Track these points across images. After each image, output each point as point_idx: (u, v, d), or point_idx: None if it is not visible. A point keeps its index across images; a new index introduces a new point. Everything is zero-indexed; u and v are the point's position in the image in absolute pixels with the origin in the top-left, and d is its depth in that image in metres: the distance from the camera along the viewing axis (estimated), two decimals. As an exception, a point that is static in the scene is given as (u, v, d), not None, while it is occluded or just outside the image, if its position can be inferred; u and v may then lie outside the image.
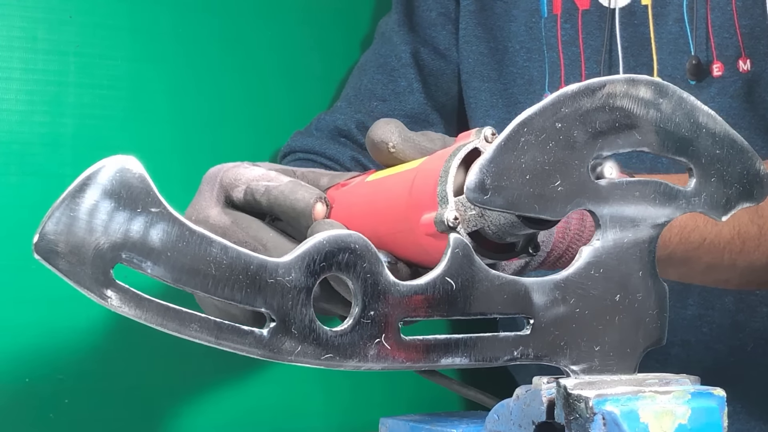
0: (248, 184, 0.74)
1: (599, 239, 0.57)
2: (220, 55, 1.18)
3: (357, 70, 1.23)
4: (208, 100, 1.17)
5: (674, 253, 0.82)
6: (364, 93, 1.20)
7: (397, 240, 0.65)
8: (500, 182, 0.54)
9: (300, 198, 0.71)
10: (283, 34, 1.22)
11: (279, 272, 0.51)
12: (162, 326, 0.50)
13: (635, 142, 0.57)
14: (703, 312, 1.06)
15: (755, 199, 0.60)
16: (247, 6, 1.20)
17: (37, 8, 1.07)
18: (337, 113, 1.19)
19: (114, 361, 1.10)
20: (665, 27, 1.07)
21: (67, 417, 1.07)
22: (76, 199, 0.47)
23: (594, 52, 1.10)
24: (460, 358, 0.55)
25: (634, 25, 1.09)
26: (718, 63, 1.04)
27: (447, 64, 1.21)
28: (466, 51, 1.19)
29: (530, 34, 1.15)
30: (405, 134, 0.69)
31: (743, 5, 1.03)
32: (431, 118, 1.20)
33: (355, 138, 1.17)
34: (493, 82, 1.17)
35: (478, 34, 1.18)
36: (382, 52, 1.21)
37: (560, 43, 1.12)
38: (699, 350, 1.07)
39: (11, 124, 1.06)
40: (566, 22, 1.12)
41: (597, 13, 1.10)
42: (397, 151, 0.69)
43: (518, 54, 1.16)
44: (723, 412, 0.55)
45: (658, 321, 0.59)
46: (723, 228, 0.84)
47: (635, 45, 1.09)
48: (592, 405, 0.53)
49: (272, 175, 0.74)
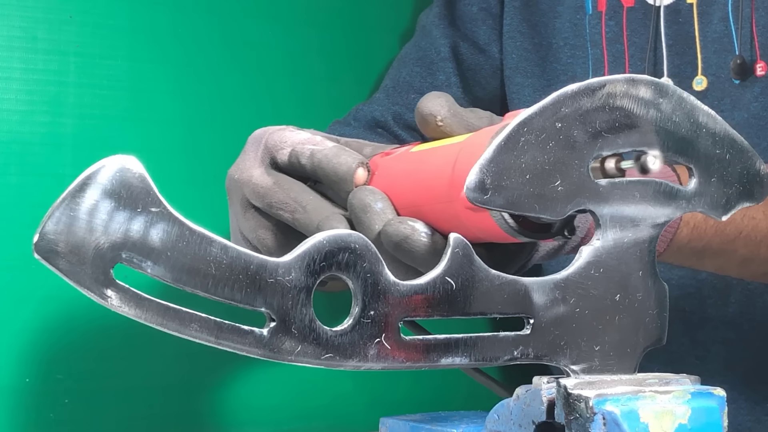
0: (294, 147, 0.74)
1: (599, 239, 0.57)
2: (220, 54, 1.18)
3: (397, 62, 1.24)
4: (208, 100, 1.16)
5: (709, 245, 0.82)
6: (402, 85, 1.21)
7: (436, 211, 0.65)
8: (500, 182, 0.54)
9: (343, 162, 0.71)
10: (284, 33, 1.22)
11: (279, 272, 0.51)
12: (162, 326, 0.50)
13: (635, 141, 0.57)
14: (744, 310, 1.06)
15: (755, 198, 0.60)
16: (247, 5, 1.20)
17: (37, 8, 1.07)
18: (375, 104, 1.20)
19: (114, 361, 1.10)
20: (710, 26, 1.07)
21: (67, 417, 1.07)
22: (76, 198, 0.47)
23: (638, 50, 1.10)
24: (460, 357, 0.55)
25: (678, 23, 1.09)
26: (762, 62, 1.04)
27: (486, 59, 1.21)
28: (510, 47, 1.19)
29: (574, 31, 1.15)
30: (454, 109, 0.69)
31: None
32: None
33: (392, 129, 1.18)
34: (537, 78, 1.18)
35: (523, 30, 1.19)
36: (421, 45, 1.22)
37: (605, 40, 1.12)
38: (740, 348, 1.07)
39: (11, 124, 1.06)
40: (611, 19, 1.12)
41: (642, 10, 1.11)
42: (444, 125, 0.68)
43: (562, 50, 1.16)
44: (723, 412, 0.55)
45: (658, 321, 0.59)
46: (760, 222, 0.84)
47: (680, 43, 1.09)
48: (592, 405, 0.53)
49: (317, 139, 0.74)
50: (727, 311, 1.06)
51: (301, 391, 1.20)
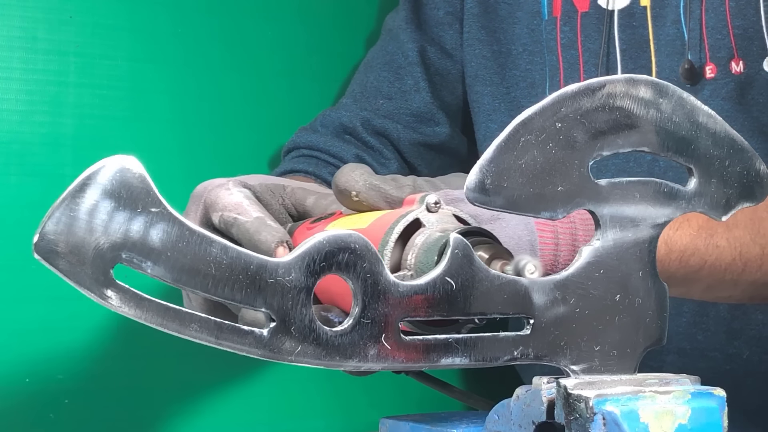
0: (222, 213, 0.75)
1: (599, 239, 0.57)
2: (220, 54, 1.18)
3: (363, 66, 1.22)
4: (208, 100, 1.16)
5: (674, 276, 0.81)
6: (370, 90, 1.19)
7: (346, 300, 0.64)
8: (500, 182, 0.54)
9: (263, 240, 0.72)
10: (283, 33, 1.22)
11: (279, 272, 0.51)
12: (162, 326, 0.50)
13: (635, 142, 0.57)
14: (698, 319, 1.05)
15: (756, 198, 0.60)
16: (247, 6, 1.20)
17: (37, 8, 1.07)
18: (342, 110, 1.18)
19: (114, 361, 1.10)
20: (663, 28, 1.06)
21: (67, 417, 1.07)
22: (76, 199, 0.47)
23: (592, 56, 1.09)
24: (460, 358, 0.55)
25: (633, 27, 1.08)
26: (711, 65, 1.03)
27: (453, 63, 1.20)
28: (470, 54, 1.18)
29: (532, 37, 1.14)
30: (370, 181, 0.69)
31: (737, 6, 1.02)
32: (437, 117, 1.19)
33: (360, 135, 1.17)
34: (496, 86, 1.17)
35: (481, 38, 1.18)
36: (389, 50, 1.20)
37: (560, 46, 1.11)
38: (695, 358, 1.06)
39: (11, 124, 1.06)
40: (565, 24, 1.11)
41: (596, 15, 1.09)
42: (360, 200, 0.69)
43: (521, 57, 1.15)
44: (723, 412, 0.55)
45: (658, 321, 0.59)
46: (724, 251, 0.83)
47: (634, 47, 1.07)
48: (592, 405, 0.53)
49: (244, 205, 0.75)
50: (680, 321, 1.06)
51: (301, 391, 1.20)
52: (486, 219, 0.68)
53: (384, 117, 1.18)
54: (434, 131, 1.19)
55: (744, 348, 1.05)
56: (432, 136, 1.19)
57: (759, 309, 1.04)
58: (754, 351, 1.05)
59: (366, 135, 1.17)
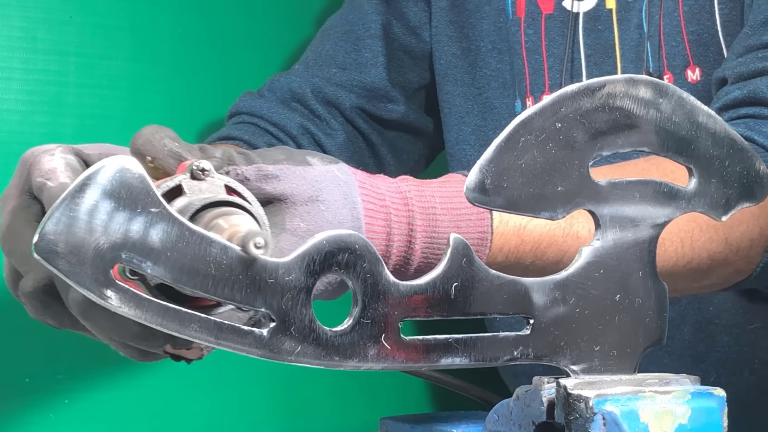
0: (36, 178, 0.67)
1: (599, 239, 0.57)
2: (220, 55, 1.18)
3: (320, 34, 1.17)
4: (207, 100, 1.17)
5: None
6: (324, 58, 1.14)
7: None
8: (500, 182, 0.54)
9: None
10: (283, 34, 1.22)
11: (279, 272, 0.51)
12: (162, 326, 0.50)
13: (635, 142, 0.57)
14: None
15: (756, 198, 0.60)
16: (247, 6, 1.20)
17: (37, 8, 1.07)
18: (292, 75, 1.14)
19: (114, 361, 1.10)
20: (628, 33, 1.02)
21: (67, 417, 1.07)
22: (76, 199, 0.47)
23: (557, 61, 1.05)
24: (460, 358, 0.55)
25: (598, 30, 1.03)
26: (669, 73, 0.99)
27: (419, 41, 1.15)
28: (439, 51, 1.14)
29: (499, 35, 1.10)
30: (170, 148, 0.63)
31: (690, 10, 0.97)
32: (391, 94, 1.15)
33: (308, 103, 1.12)
34: (467, 86, 1.13)
35: (450, 34, 1.14)
36: (349, 19, 1.15)
37: (524, 50, 1.07)
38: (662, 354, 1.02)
39: (11, 124, 1.06)
40: (529, 27, 1.07)
41: (560, 18, 1.05)
42: (156, 166, 0.63)
43: (490, 54, 1.11)
44: (723, 412, 0.55)
45: (658, 321, 0.59)
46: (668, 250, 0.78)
47: (599, 53, 1.03)
48: (592, 405, 0.53)
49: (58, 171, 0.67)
50: None
51: (301, 391, 1.20)
52: (302, 200, 0.63)
53: (336, 85, 1.13)
54: (386, 108, 1.15)
55: (711, 371, 1.02)
56: (385, 112, 1.15)
57: (724, 332, 1.02)
58: (721, 373, 1.02)
59: (315, 103, 1.12)
